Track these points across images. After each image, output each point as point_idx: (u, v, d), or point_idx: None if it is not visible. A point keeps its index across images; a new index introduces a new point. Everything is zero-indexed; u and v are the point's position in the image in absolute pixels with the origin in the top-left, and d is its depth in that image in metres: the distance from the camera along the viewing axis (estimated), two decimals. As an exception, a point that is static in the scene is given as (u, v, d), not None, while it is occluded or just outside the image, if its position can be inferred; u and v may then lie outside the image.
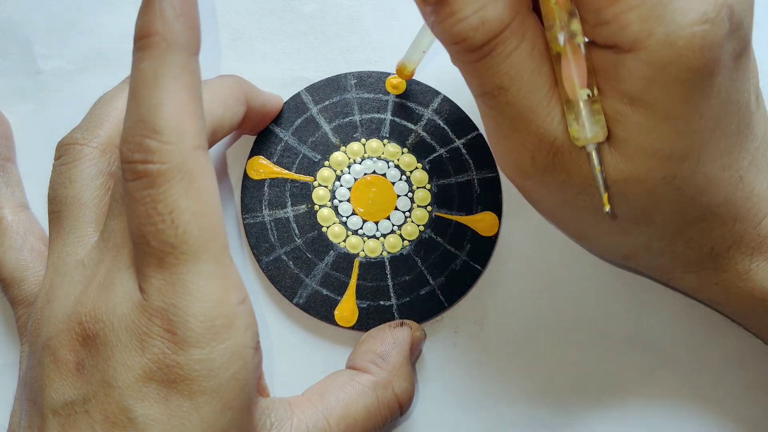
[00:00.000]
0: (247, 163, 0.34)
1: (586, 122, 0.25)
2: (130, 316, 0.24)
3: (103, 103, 0.31)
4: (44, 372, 0.25)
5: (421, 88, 0.35)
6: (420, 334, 0.33)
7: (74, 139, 0.30)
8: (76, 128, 0.30)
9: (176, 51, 0.24)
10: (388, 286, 0.33)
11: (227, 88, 0.30)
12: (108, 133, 0.30)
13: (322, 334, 0.34)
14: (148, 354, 0.23)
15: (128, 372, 0.24)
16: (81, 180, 0.29)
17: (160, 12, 0.24)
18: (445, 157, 0.34)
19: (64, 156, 0.30)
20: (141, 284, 0.24)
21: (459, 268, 0.34)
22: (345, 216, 0.34)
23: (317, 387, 0.30)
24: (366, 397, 0.30)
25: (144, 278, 0.24)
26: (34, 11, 0.36)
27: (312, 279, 0.33)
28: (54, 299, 0.26)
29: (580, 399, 0.34)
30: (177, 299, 0.23)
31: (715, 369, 0.34)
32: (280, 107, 0.34)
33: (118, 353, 0.24)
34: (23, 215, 0.32)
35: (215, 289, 0.24)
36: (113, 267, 0.25)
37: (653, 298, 0.35)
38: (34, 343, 0.26)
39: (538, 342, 0.34)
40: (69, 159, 0.29)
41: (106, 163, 0.30)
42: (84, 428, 0.24)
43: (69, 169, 0.29)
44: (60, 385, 0.25)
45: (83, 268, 0.26)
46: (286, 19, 0.36)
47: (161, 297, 0.24)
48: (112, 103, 0.31)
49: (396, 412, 0.31)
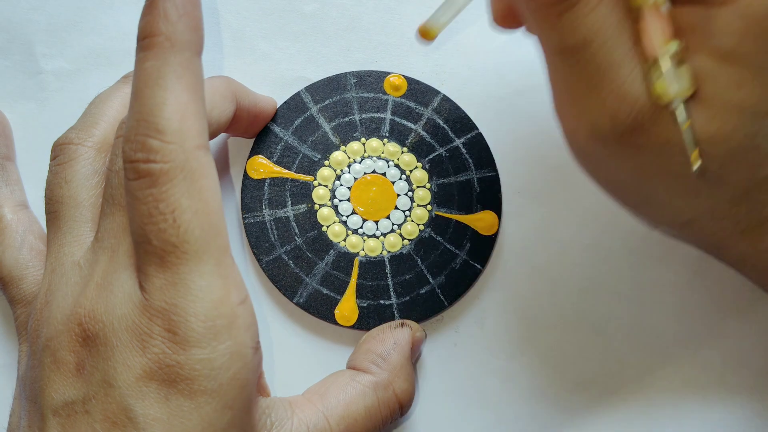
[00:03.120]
0: (247, 163, 0.34)
1: (673, 77, 0.25)
2: (131, 316, 0.24)
3: (97, 102, 0.31)
4: (44, 372, 0.25)
5: (421, 87, 0.35)
6: (421, 334, 0.33)
7: (69, 139, 0.30)
8: (71, 128, 0.30)
9: (179, 51, 0.24)
10: (388, 285, 0.33)
11: (214, 86, 0.30)
12: (103, 132, 0.30)
13: (323, 333, 0.34)
14: (149, 354, 0.24)
15: (129, 372, 0.24)
16: (76, 180, 0.29)
17: (163, 12, 0.24)
18: (444, 156, 0.35)
19: (59, 156, 0.30)
20: (142, 283, 0.24)
21: (459, 267, 0.34)
22: (345, 215, 0.34)
23: (318, 387, 0.30)
24: (366, 397, 0.30)
25: (145, 277, 0.24)
26: (34, 11, 0.36)
27: (312, 278, 0.33)
28: (53, 300, 0.26)
29: (580, 399, 0.34)
30: (178, 299, 0.23)
31: (715, 369, 0.34)
32: (274, 109, 0.34)
33: (118, 353, 0.24)
34: (22, 214, 0.32)
35: (216, 289, 0.24)
36: (110, 268, 0.25)
37: (653, 297, 0.35)
38: (34, 343, 0.26)
39: (538, 342, 0.34)
40: (64, 159, 0.29)
41: (101, 163, 0.30)
42: (84, 428, 0.24)
43: (64, 168, 0.29)
44: (60, 385, 0.25)
45: (80, 269, 0.26)
46: (286, 18, 0.36)
47: (162, 297, 0.24)
48: (107, 103, 0.31)
49: (396, 412, 0.31)
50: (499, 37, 0.36)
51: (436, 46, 0.36)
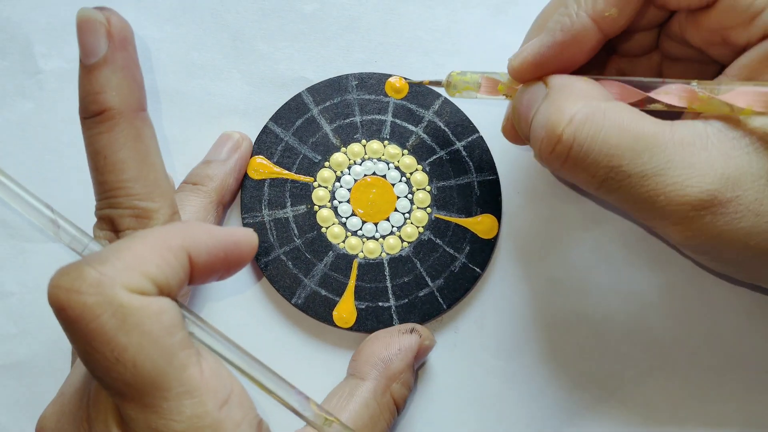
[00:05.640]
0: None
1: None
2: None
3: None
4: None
5: (422, 90, 0.35)
6: (429, 343, 0.32)
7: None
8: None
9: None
10: (387, 287, 0.33)
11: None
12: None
13: (320, 334, 0.34)
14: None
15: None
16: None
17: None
18: (445, 159, 0.34)
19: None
20: (122, 418, 0.24)
21: (458, 270, 0.34)
22: (344, 217, 0.34)
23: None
24: (369, 407, 0.30)
25: (123, 412, 0.24)
26: (34, 11, 0.36)
27: (311, 279, 0.33)
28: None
29: (580, 399, 0.34)
30: (159, 426, 0.23)
31: (715, 369, 0.34)
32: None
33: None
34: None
35: (188, 407, 0.23)
36: (92, 415, 0.25)
37: (653, 298, 0.34)
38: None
39: (538, 342, 0.34)
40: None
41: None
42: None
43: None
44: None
45: (73, 419, 0.26)
46: (286, 18, 0.36)
47: (141, 428, 0.23)
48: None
49: (395, 414, 0.31)
50: (500, 38, 0.36)
51: (435, 47, 0.36)
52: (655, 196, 0.25)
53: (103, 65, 0.26)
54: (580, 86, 0.27)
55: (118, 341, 0.22)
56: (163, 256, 0.24)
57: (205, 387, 0.24)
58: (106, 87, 0.26)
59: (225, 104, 0.36)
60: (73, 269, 0.22)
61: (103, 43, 0.26)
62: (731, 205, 0.25)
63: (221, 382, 0.24)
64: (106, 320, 0.22)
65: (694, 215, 0.25)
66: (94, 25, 0.26)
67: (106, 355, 0.22)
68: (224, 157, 0.34)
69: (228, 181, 0.33)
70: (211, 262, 0.25)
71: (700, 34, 0.28)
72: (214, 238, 0.25)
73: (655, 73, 0.32)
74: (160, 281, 0.23)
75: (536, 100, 0.28)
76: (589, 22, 0.27)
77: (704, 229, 0.25)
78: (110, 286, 0.22)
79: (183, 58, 0.36)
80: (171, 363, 0.23)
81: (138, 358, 0.22)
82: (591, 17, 0.27)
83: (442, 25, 0.36)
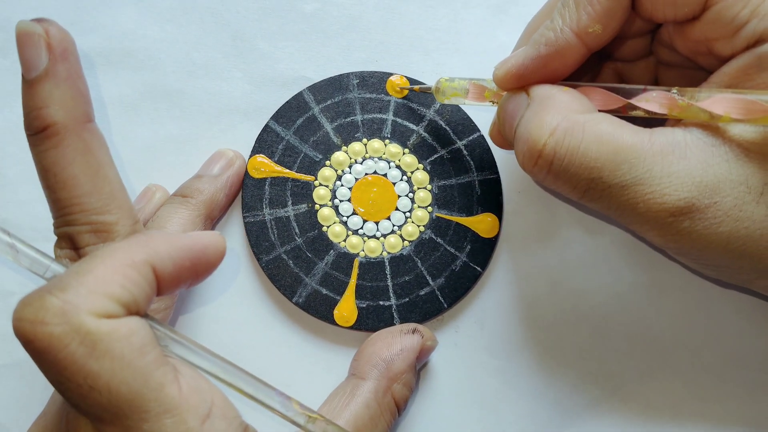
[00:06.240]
0: (248, 162, 0.34)
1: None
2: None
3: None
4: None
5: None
6: (431, 343, 0.32)
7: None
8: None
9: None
10: (388, 286, 0.33)
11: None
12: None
13: (321, 333, 0.34)
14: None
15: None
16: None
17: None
18: (446, 158, 0.34)
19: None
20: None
21: (459, 269, 0.34)
22: (345, 216, 0.34)
23: (323, 411, 0.30)
24: (370, 408, 0.30)
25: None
26: (34, 11, 0.36)
27: (312, 278, 0.33)
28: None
29: (580, 399, 0.34)
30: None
31: (715, 369, 0.34)
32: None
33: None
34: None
35: (169, 427, 0.23)
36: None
37: (653, 298, 0.34)
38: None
39: (537, 342, 0.34)
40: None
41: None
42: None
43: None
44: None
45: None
46: (286, 18, 0.36)
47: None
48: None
49: (395, 414, 0.31)
50: (500, 38, 0.36)
51: (436, 46, 0.36)
52: (634, 204, 0.26)
53: (45, 79, 0.25)
54: (561, 98, 0.27)
55: (90, 368, 0.22)
56: (127, 275, 0.23)
57: (185, 404, 0.23)
58: (49, 101, 0.25)
59: (226, 104, 0.36)
60: (35, 299, 0.22)
61: (44, 56, 0.25)
62: (709, 210, 0.26)
63: (201, 397, 0.24)
64: (75, 349, 0.21)
65: (672, 221, 0.26)
66: (32, 38, 0.25)
67: (79, 384, 0.22)
68: (216, 173, 0.34)
69: (218, 196, 0.33)
70: (177, 272, 0.25)
71: (687, 44, 0.29)
72: (178, 247, 0.25)
73: (652, 76, 0.32)
74: (126, 301, 0.23)
75: (519, 109, 0.28)
76: (573, 38, 0.28)
77: (684, 233, 0.26)
78: (75, 313, 0.22)
79: (183, 58, 0.36)
80: (147, 384, 0.22)
81: (112, 383, 0.22)
82: (575, 32, 0.28)
83: (443, 24, 0.36)
